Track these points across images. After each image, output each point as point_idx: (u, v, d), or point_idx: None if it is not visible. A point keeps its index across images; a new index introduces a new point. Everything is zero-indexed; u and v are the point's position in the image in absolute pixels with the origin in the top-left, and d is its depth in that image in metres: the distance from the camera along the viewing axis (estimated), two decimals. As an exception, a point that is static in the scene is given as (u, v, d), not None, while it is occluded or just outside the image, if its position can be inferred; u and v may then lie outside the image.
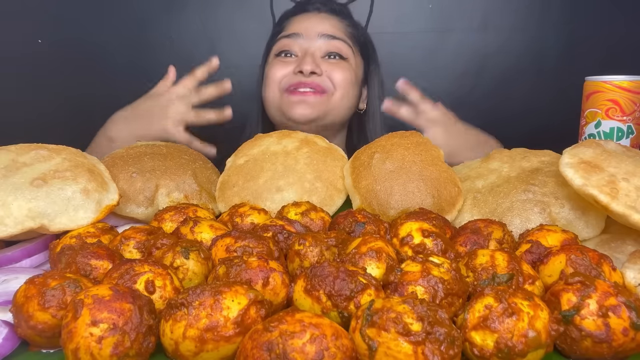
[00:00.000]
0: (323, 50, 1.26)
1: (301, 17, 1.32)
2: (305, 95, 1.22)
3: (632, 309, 0.47)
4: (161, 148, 0.92)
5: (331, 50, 1.26)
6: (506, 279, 0.54)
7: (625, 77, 0.92)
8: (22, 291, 0.50)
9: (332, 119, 1.28)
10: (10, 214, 0.67)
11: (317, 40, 1.26)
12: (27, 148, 0.77)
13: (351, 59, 1.30)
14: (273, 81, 1.27)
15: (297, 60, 1.26)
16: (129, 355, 0.45)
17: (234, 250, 0.60)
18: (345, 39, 1.29)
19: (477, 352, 0.46)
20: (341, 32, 1.30)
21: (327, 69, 1.24)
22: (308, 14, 1.33)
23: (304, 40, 1.26)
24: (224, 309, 0.46)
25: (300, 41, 1.26)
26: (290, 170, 0.86)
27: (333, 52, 1.27)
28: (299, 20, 1.31)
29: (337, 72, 1.25)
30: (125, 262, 0.54)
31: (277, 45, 1.30)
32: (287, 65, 1.26)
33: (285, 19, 1.34)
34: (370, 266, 0.55)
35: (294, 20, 1.32)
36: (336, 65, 1.26)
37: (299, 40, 1.26)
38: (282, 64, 1.27)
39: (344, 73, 1.26)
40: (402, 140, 0.86)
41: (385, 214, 0.79)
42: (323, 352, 0.41)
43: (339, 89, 1.26)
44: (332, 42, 1.26)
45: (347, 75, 1.27)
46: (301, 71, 1.22)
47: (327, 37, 1.26)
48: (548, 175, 0.79)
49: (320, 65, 1.24)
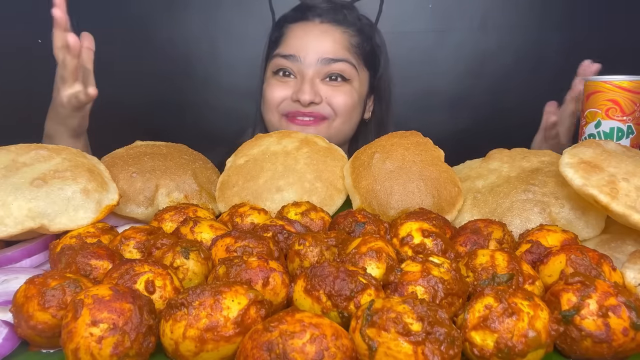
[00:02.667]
0: (323, 73, 1.20)
1: (300, 29, 1.23)
2: (306, 125, 1.19)
3: (632, 309, 0.47)
4: (161, 148, 0.92)
5: (332, 73, 1.20)
6: (506, 279, 0.54)
7: (625, 77, 0.92)
8: (22, 291, 0.50)
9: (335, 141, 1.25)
10: (10, 214, 0.67)
11: (316, 64, 1.18)
12: (27, 148, 0.77)
13: (354, 79, 1.23)
14: (271, 103, 1.22)
15: (295, 82, 1.20)
16: (129, 355, 0.45)
17: (234, 250, 0.60)
18: (349, 58, 1.21)
19: (477, 352, 0.46)
20: (344, 50, 1.21)
21: (327, 93, 1.19)
22: (307, 24, 1.23)
23: (302, 64, 1.19)
24: (224, 309, 0.46)
25: (298, 64, 1.19)
26: (290, 170, 0.86)
27: (334, 74, 1.20)
28: (296, 35, 1.23)
29: (338, 97, 1.20)
30: (125, 262, 0.54)
31: (274, 63, 1.23)
32: (285, 86, 1.21)
33: (284, 26, 1.26)
34: (370, 266, 0.55)
35: (292, 33, 1.23)
36: (337, 89, 1.20)
37: (297, 63, 1.19)
38: (280, 85, 1.21)
39: (345, 98, 1.21)
40: (402, 140, 0.86)
41: (385, 214, 0.79)
42: (323, 352, 0.41)
43: (340, 115, 1.21)
44: (333, 66, 1.19)
45: (348, 100, 1.21)
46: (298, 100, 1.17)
47: (328, 61, 1.19)
48: (548, 175, 0.79)
49: (320, 92, 1.18)
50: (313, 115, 1.19)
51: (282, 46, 1.23)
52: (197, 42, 1.67)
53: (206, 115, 1.73)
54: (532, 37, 1.66)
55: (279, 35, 1.26)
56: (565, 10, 1.65)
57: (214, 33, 1.67)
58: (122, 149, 0.91)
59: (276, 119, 1.23)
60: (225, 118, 1.70)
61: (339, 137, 1.25)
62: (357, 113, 1.27)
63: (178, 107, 1.72)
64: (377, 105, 1.35)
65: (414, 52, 1.67)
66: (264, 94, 1.25)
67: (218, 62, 1.69)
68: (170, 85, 1.69)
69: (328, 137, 1.18)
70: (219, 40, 1.68)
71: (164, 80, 1.67)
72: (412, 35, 1.64)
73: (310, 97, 1.16)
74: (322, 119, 1.20)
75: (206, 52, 1.68)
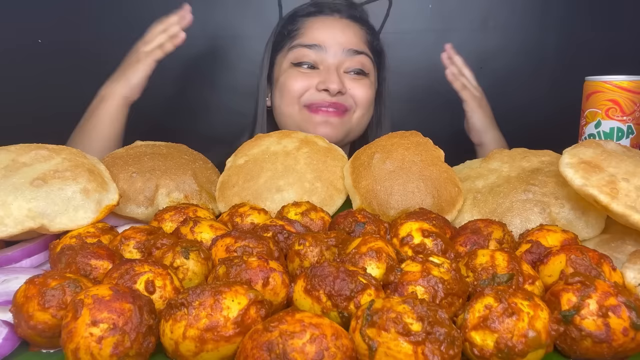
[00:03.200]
0: (346, 65, 1.20)
1: (320, 21, 1.24)
2: (329, 116, 1.18)
3: (632, 309, 0.47)
4: (161, 148, 0.92)
5: (355, 67, 1.21)
6: (506, 279, 0.54)
7: (625, 77, 0.92)
8: (22, 291, 0.50)
9: (352, 137, 1.27)
10: (10, 214, 0.67)
11: (341, 54, 1.19)
12: (27, 148, 0.77)
13: (371, 74, 1.25)
14: (292, 94, 1.20)
15: (318, 73, 1.19)
16: (129, 355, 0.45)
17: (234, 250, 0.60)
18: (368, 52, 1.24)
19: (477, 352, 0.46)
20: (363, 44, 1.24)
21: (349, 85, 1.20)
22: (326, 18, 1.24)
23: (326, 54, 1.19)
24: (224, 309, 0.46)
25: (323, 54, 1.19)
26: (290, 170, 0.86)
27: (357, 68, 1.21)
28: (317, 27, 1.22)
29: (359, 90, 1.21)
30: (125, 262, 0.54)
31: (295, 54, 1.21)
32: (307, 78, 1.19)
33: (300, 20, 1.25)
34: (370, 266, 0.55)
35: (312, 26, 1.23)
36: (358, 82, 1.21)
37: (322, 53, 1.19)
38: (302, 76, 1.20)
39: (366, 91, 1.22)
40: (402, 140, 0.86)
41: (385, 214, 0.79)
42: (323, 352, 0.41)
43: (360, 107, 1.22)
44: (356, 58, 1.21)
45: (368, 93, 1.23)
46: (325, 89, 1.16)
47: (352, 52, 1.20)
48: (548, 175, 0.79)
49: (344, 83, 1.19)
50: (337, 106, 1.19)
51: (302, 37, 1.22)
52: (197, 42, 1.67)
53: (206, 115, 1.73)
54: (533, 37, 1.66)
55: (294, 29, 1.25)
56: (565, 10, 1.65)
57: (214, 33, 1.67)
58: (122, 149, 0.91)
59: (296, 111, 1.21)
60: (225, 118, 1.70)
61: (359, 129, 1.26)
62: (372, 108, 1.29)
63: (178, 107, 1.72)
64: (376, 106, 1.35)
65: (414, 52, 1.66)
66: (282, 85, 1.23)
67: (218, 62, 1.69)
68: (170, 85, 1.68)
69: (348, 130, 1.23)
70: (219, 40, 1.68)
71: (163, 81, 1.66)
72: (412, 35, 1.64)
73: (338, 86, 1.16)
74: (345, 110, 1.20)
75: (206, 52, 1.68)
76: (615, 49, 1.61)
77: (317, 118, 1.18)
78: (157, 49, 1.15)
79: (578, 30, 1.64)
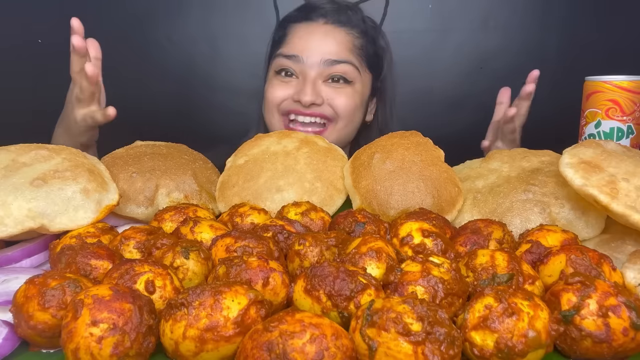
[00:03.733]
0: (325, 75, 1.19)
1: (303, 29, 1.23)
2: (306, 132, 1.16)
3: (632, 309, 0.47)
4: (161, 148, 0.92)
5: (335, 75, 1.19)
6: (506, 279, 0.54)
7: (625, 77, 0.92)
8: (22, 291, 0.50)
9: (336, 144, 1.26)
10: (10, 214, 0.67)
11: (319, 65, 1.18)
12: (27, 148, 0.77)
13: (357, 81, 1.23)
14: (272, 103, 1.22)
15: (297, 82, 1.20)
16: (129, 355, 0.45)
17: (234, 250, 0.60)
18: (351, 60, 1.21)
19: (477, 352, 0.46)
20: (347, 51, 1.21)
21: (328, 95, 1.19)
22: (311, 24, 1.23)
23: (304, 64, 1.18)
24: (224, 309, 0.46)
25: (301, 65, 1.19)
26: (290, 170, 0.86)
27: (337, 76, 1.19)
28: (299, 35, 1.22)
29: (339, 99, 1.19)
30: (125, 262, 0.54)
31: (277, 63, 1.22)
32: (286, 86, 1.20)
33: (288, 26, 1.26)
34: (370, 266, 0.55)
35: (295, 33, 1.23)
36: (339, 91, 1.20)
37: (299, 63, 1.19)
38: (281, 85, 1.21)
39: (347, 100, 1.20)
40: (402, 140, 0.86)
41: (385, 214, 0.79)
42: (323, 352, 0.41)
43: (342, 117, 1.21)
44: (336, 67, 1.19)
45: (350, 102, 1.21)
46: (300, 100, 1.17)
47: (331, 62, 1.18)
48: (548, 175, 0.79)
49: (321, 93, 1.18)
50: (314, 115, 1.19)
51: (285, 46, 1.23)
52: (197, 42, 1.67)
53: (206, 115, 1.73)
54: (533, 37, 1.66)
55: (282, 35, 1.25)
56: (565, 10, 1.65)
57: (214, 33, 1.67)
58: (122, 149, 0.91)
59: (276, 120, 1.22)
60: (225, 118, 1.70)
61: (341, 140, 1.24)
62: (358, 115, 1.27)
63: (178, 107, 1.73)
64: (380, 108, 1.34)
65: (414, 52, 1.67)
66: (265, 93, 1.25)
67: (218, 62, 1.69)
68: (170, 85, 1.69)
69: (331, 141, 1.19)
70: (219, 40, 1.68)
71: (164, 81, 1.67)
72: (412, 35, 1.64)
73: (311, 98, 1.16)
74: (326, 120, 1.20)
75: (206, 52, 1.68)
76: (615, 49, 1.61)
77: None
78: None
79: (579, 31, 1.65)
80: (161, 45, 1.64)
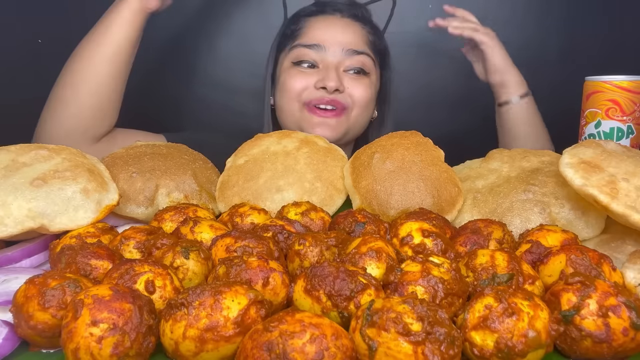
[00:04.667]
0: (346, 65, 1.22)
1: (321, 21, 1.25)
2: (327, 117, 1.20)
3: (632, 309, 0.47)
4: (161, 148, 0.92)
5: (355, 66, 1.22)
6: (506, 279, 0.54)
7: (625, 77, 0.92)
8: (22, 291, 0.50)
9: (350, 136, 1.27)
10: (10, 214, 0.67)
11: (341, 54, 1.21)
12: (27, 148, 0.77)
13: (372, 74, 1.26)
14: (292, 92, 1.22)
15: (317, 72, 1.21)
16: (129, 355, 0.45)
17: (234, 250, 0.60)
18: (369, 52, 1.25)
19: (477, 352, 0.46)
20: (364, 44, 1.25)
21: (348, 84, 1.21)
22: (328, 17, 1.26)
23: (326, 53, 1.21)
24: (224, 309, 0.46)
25: (322, 54, 1.21)
26: (290, 170, 0.86)
27: (356, 67, 1.22)
28: (318, 26, 1.24)
29: (358, 89, 1.22)
30: (125, 262, 0.54)
31: (295, 53, 1.24)
32: (307, 76, 1.21)
33: (302, 19, 1.28)
34: (370, 266, 0.55)
35: (313, 25, 1.25)
36: (358, 81, 1.22)
37: (321, 52, 1.21)
38: (301, 75, 1.22)
39: (365, 90, 1.23)
40: (402, 140, 0.86)
41: (385, 214, 0.79)
42: (323, 352, 0.41)
43: (358, 106, 1.23)
44: (356, 58, 1.22)
45: (367, 92, 1.23)
46: (324, 87, 1.18)
47: (352, 52, 1.21)
48: (548, 175, 0.79)
49: (343, 81, 1.20)
50: (334, 103, 1.20)
51: (303, 37, 1.24)
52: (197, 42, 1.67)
53: (206, 115, 1.73)
54: (533, 37, 1.66)
55: (297, 29, 1.27)
56: (565, 10, 1.65)
57: (214, 33, 1.67)
58: (122, 149, 0.91)
59: (296, 109, 1.23)
60: (225, 118, 1.70)
61: (356, 129, 1.26)
62: (371, 108, 1.29)
63: (178, 107, 1.72)
64: (379, 106, 1.36)
65: (414, 52, 1.66)
66: (282, 84, 1.25)
67: (218, 62, 1.69)
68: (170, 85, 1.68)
69: (346, 130, 1.23)
70: (219, 40, 1.68)
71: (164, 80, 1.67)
72: (412, 35, 1.64)
73: (336, 83, 1.17)
74: (343, 109, 1.21)
75: (206, 52, 1.68)
76: (615, 49, 1.61)
77: (315, 119, 1.20)
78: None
79: (579, 31, 1.64)
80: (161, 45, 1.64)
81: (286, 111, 1.26)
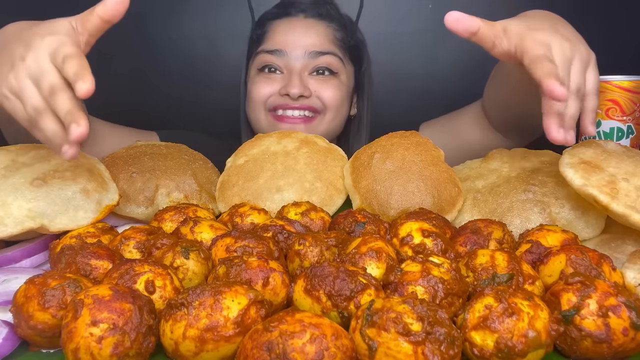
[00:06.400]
0: (311, 67, 1.18)
1: (284, 24, 1.22)
2: (295, 124, 1.17)
3: (632, 309, 0.47)
4: (161, 148, 0.92)
5: (321, 67, 1.18)
6: (506, 279, 0.54)
7: (625, 77, 0.92)
8: (22, 291, 0.50)
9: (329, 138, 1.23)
10: (10, 214, 0.67)
11: (304, 57, 1.17)
12: (27, 148, 0.77)
13: (342, 72, 1.22)
14: (258, 101, 1.19)
15: (282, 77, 1.18)
16: (129, 355, 0.45)
17: (234, 250, 0.60)
18: (335, 51, 1.20)
19: (477, 352, 0.46)
20: (329, 43, 1.20)
21: (315, 87, 1.17)
22: (291, 19, 1.22)
23: (289, 58, 1.17)
24: (224, 309, 0.46)
25: (285, 59, 1.17)
26: (290, 170, 0.86)
27: (322, 68, 1.19)
28: (281, 30, 1.21)
29: (327, 91, 1.18)
30: (125, 262, 0.54)
31: (259, 60, 1.21)
32: (271, 82, 1.18)
33: (267, 23, 1.24)
34: (370, 266, 0.55)
35: (276, 29, 1.21)
36: (326, 83, 1.18)
37: (284, 57, 1.17)
38: (266, 82, 1.19)
39: (334, 92, 1.19)
40: (402, 140, 0.86)
41: (385, 214, 0.79)
42: (323, 352, 0.41)
43: (330, 109, 1.19)
44: (321, 59, 1.18)
45: (337, 93, 1.20)
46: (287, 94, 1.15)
47: (316, 54, 1.17)
48: (548, 175, 0.79)
49: (309, 85, 1.17)
50: (303, 108, 1.17)
51: (266, 42, 1.21)
52: (197, 42, 1.67)
53: (207, 115, 1.73)
54: (532, 37, 1.66)
55: (262, 33, 1.24)
56: (565, 10, 1.65)
57: (214, 33, 1.67)
58: (122, 149, 0.91)
59: (263, 117, 1.20)
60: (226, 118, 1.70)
61: (329, 133, 1.23)
62: (345, 107, 1.26)
63: (178, 107, 1.73)
64: (359, 102, 1.33)
65: (413, 52, 1.66)
66: (249, 92, 1.23)
67: (218, 62, 1.69)
68: (170, 85, 1.69)
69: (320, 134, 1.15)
70: (219, 40, 1.68)
71: (164, 80, 1.67)
72: (412, 35, 1.64)
73: (299, 90, 1.14)
74: (314, 112, 1.19)
75: (206, 52, 1.68)
76: (615, 49, 1.61)
77: (283, 126, 1.17)
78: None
79: (579, 31, 1.65)
80: (161, 45, 1.64)
81: (253, 120, 1.23)
